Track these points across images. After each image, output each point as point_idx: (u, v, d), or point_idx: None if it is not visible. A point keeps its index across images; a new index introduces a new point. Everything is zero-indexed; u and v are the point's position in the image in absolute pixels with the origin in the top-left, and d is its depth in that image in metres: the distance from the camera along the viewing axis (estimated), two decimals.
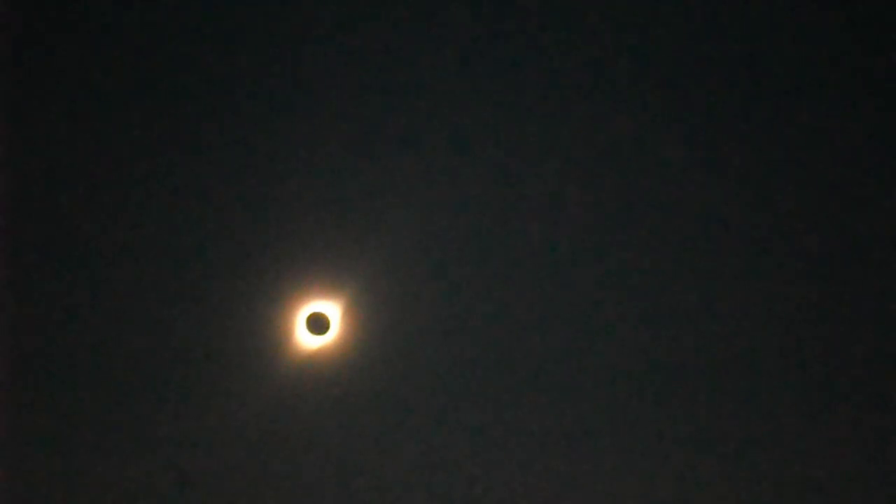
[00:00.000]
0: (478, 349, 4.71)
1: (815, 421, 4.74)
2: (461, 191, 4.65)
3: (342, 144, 4.61)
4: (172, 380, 4.59)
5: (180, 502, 4.61)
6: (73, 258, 4.55)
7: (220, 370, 4.59)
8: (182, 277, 4.57)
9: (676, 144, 4.68)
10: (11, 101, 4.48)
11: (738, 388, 4.75)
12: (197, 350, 4.58)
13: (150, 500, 4.60)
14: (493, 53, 4.64)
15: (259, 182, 4.58)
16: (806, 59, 4.64)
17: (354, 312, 4.62)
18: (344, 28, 4.58)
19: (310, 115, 4.60)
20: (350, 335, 4.64)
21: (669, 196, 4.68)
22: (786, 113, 4.67)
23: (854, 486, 4.70)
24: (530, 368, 4.74)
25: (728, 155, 4.68)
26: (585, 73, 4.65)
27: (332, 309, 4.61)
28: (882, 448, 4.70)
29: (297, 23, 4.59)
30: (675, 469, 4.76)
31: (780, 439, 4.73)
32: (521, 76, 4.64)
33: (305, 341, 4.63)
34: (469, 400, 4.73)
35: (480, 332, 4.71)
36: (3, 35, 4.45)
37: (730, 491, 4.74)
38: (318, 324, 4.60)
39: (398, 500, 4.73)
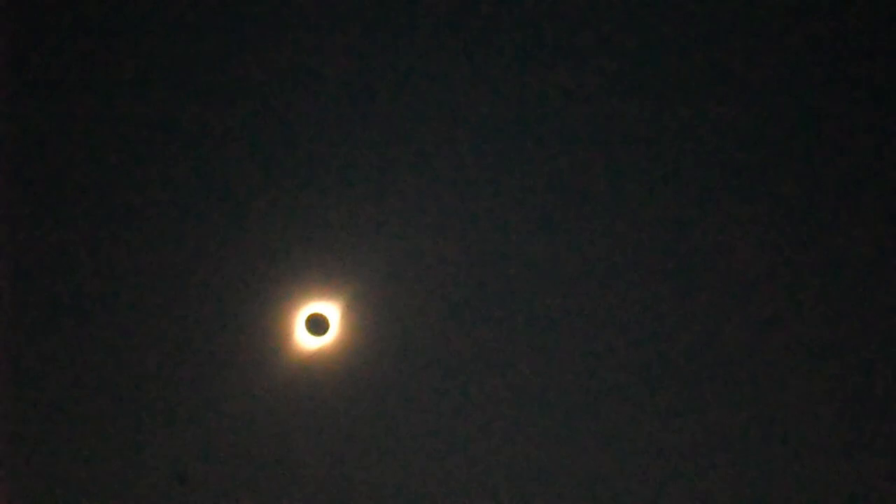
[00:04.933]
0: (477, 349, 4.71)
1: (819, 419, 4.74)
2: (461, 192, 4.65)
3: (342, 145, 4.61)
4: (172, 380, 4.60)
5: (180, 502, 4.62)
6: (72, 258, 4.56)
7: (220, 370, 4.60)
8: (181, 278, 4.57)
9: (680, 148, 4.68)
10: (11, 101, 4.49)
11: (736, 387, 4.75)
12: (197, 350, 4.59)
13: (150, 500, 4.61)
14: (497, 58, 4.63)
15: (259, 183, 4.58)
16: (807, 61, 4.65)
17: (354, 313, 4.62)
18: (346, 30, 4.57)
19: (310, 116, 4.60)
20: (349, 336, 4.64)
21: (670, 199, 4.69)
22: (786, 113, 4.67)
23: (855, 486, 4.70)
24: (530, 369, 4.74)
25: (728, 154, 4.68)
26: (589, 76, 4.65)
27: (332, 310, 4.61)
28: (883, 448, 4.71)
29: (301, 23, 4.59)
30: (675, 468, 4.76)
31: (780, 438, 4.74)
32: (524, 82, 4.64)
33: (305, 342, 4.63)
34: (469, 400, 4.73)
35: (480, 332, 4.71)
36: (3, 35, 4.46)
37: (728, 491, 4.74)
38: (317, 324, 4.61)
39: (398, 499, 4.73)
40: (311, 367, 4.65)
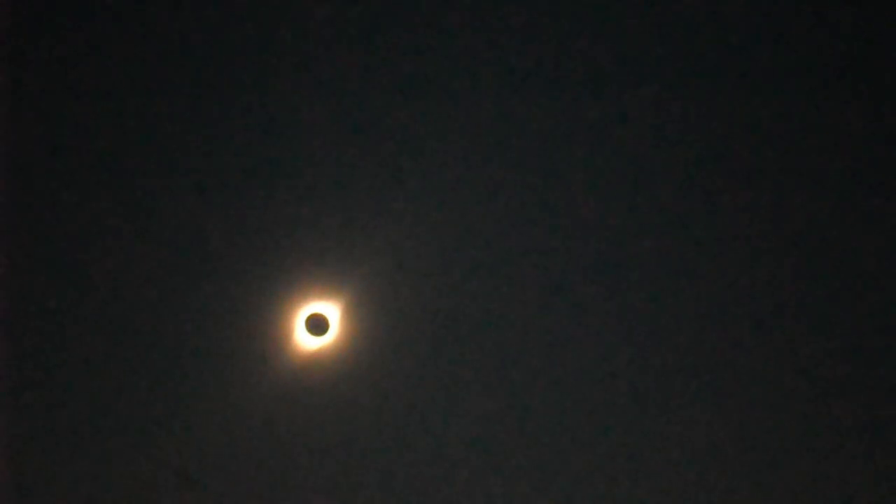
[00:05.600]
0: (477, 350, 4.71)
1: (815, 423, 4.74)
2: (462, 192, 4.64)
3: (342, 145, 4.60)
4: (172, 380, 4.60)
5: (180, 502, 4.62)
6: (72, 258, 4.56)
7: (220, 371, 4.60)
8: (182, 278, 4.57)
9: (679, 147, 4.68)
10: (12, 101, 4.49)
11: (738, 389, 4.75)
12: (197, 351, 4.59)
13: (150, 500, 4.61)
14: (496, 55, 4.63)
15: (259, 183, 4.58)
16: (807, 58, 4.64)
17: (354, 313, 4.62)
18: (344, 29, 4.57)
19: (310, 115, 4.60)
20: (349, 336, 4.64)
21: (674, 199, 4.69)
22: (785, 114, 4.67)
23: (854, 489, 4.71)
24: (530, 369, 4.74)
25: (728, 156, 4.68)
26: (589, 75, 4.65)
27: (332, 310, 4.61)
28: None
29: (298, 21, 4.58)
30: (676, 471, 4.77)
31: (778, 443, 4.74)
32: (523, 78, 4.63)
33: (305, 342, 4.63)
34: (468, 401, 4.73)
35: (480, 333, 4.71)
36: (3, 35, 4.46)
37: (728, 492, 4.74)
38: (317, 325, 4.60)
39: (398, 500, 4.73)
40: (311, 367, 4.65)
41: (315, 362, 4.65)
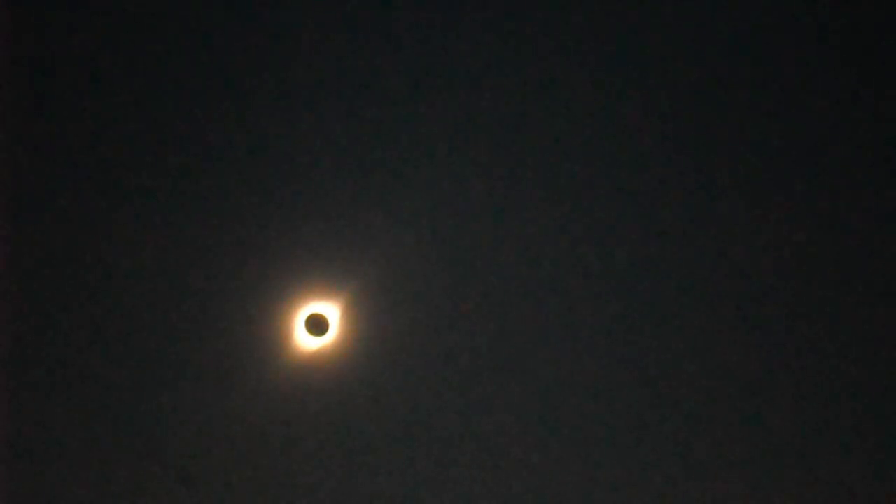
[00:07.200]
0: (477, 350, 4.71)
1: (816, 423, 4.74)
2: (460, 192, 4.64)
3: (342, 145, 4.60)
4: (171, 380, 4.60)
5: (180, 502, 4.62)
6: (72, 258, 4.56)
7: (220, 371, 4.60)
8: (181, 278, 4.57)
9: (678, 147, 4.68)
10: (11, 102, 4.49)
11: (738, 389, 4.75)
12: (196, 350, 4.59)
13: (150, 500, 4.61)
14: (493, 55, 4.63)
15: (258, 183, 4.58)
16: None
17: (353, 313, 4.62)
18: (343, 30, 4.57)
19: (309, 116, 4.59)
20: (349, 336, 4.64)
21: (670, 199, 4.68)
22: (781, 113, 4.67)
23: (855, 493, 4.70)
24: (530, 370, 4.74)
25: (727, 155, 4.67)
26: (585, 75, 4.64)
27: (332, 310, 4.61)
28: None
29: (297, 23, 4.58)
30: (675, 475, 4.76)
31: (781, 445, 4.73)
32: (520, 78, 4.63)
33: (304, 342, 4.63)
34: (469, 401, 4.73)
35: (480, 333, 4.70)
36: (3, 35, 4.46)
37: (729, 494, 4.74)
38: (317, 325, 4.61)
39: (397, 500, 4.73)
40: (311, 367, 4.65)
41: (315, 362, 4.65)
